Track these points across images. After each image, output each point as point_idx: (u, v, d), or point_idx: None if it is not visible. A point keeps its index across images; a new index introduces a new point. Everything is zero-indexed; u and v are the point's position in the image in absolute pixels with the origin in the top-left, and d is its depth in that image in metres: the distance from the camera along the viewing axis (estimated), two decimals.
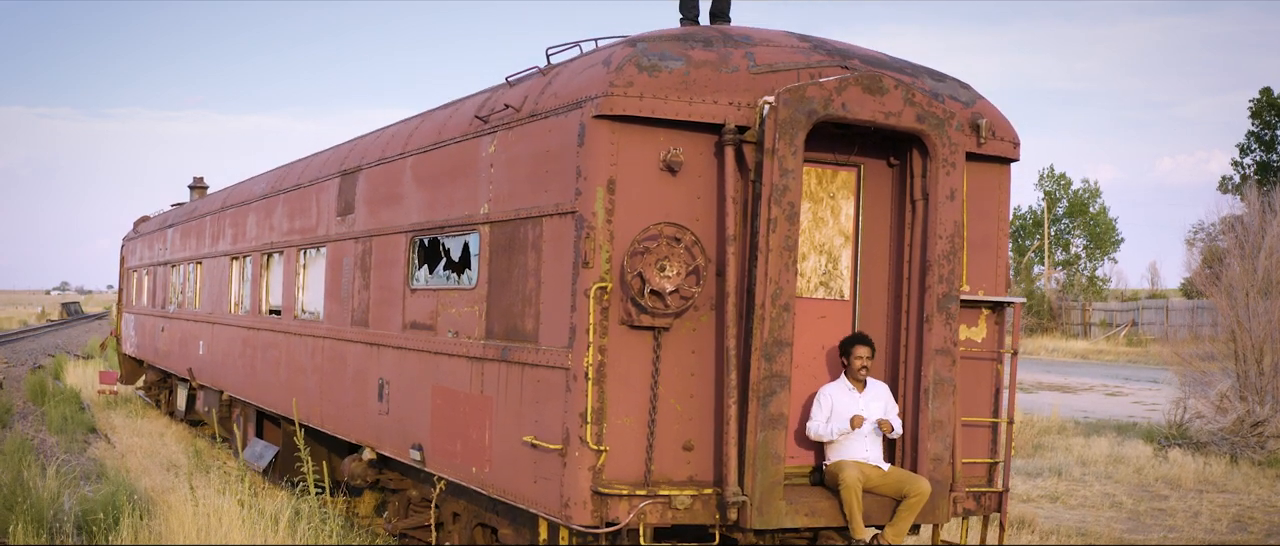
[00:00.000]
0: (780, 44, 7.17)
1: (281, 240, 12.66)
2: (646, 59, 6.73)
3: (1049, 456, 21.21)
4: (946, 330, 7.05)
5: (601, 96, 6.61)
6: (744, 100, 6.79)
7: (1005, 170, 7.77)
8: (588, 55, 7.39)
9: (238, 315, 14.43)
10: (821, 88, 6.71)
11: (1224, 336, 23.71)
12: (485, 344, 7.75)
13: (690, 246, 6.69)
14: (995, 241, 7.71)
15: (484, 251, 7.85)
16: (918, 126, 6.95)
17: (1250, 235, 23.51)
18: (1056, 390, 36.96)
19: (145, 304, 21.64)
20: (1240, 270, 23.28)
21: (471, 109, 8.46)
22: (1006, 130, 7.70)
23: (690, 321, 6.80)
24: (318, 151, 13.45)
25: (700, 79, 6.75)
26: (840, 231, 7.39)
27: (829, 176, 7.33)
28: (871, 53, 7.54)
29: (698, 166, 6.83)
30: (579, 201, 6.71)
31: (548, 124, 7.14)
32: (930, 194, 7.06)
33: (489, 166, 7.84)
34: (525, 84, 7.84)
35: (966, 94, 7.66)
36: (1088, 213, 73.49)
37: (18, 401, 22.98)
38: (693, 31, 7.11)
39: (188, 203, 19.87)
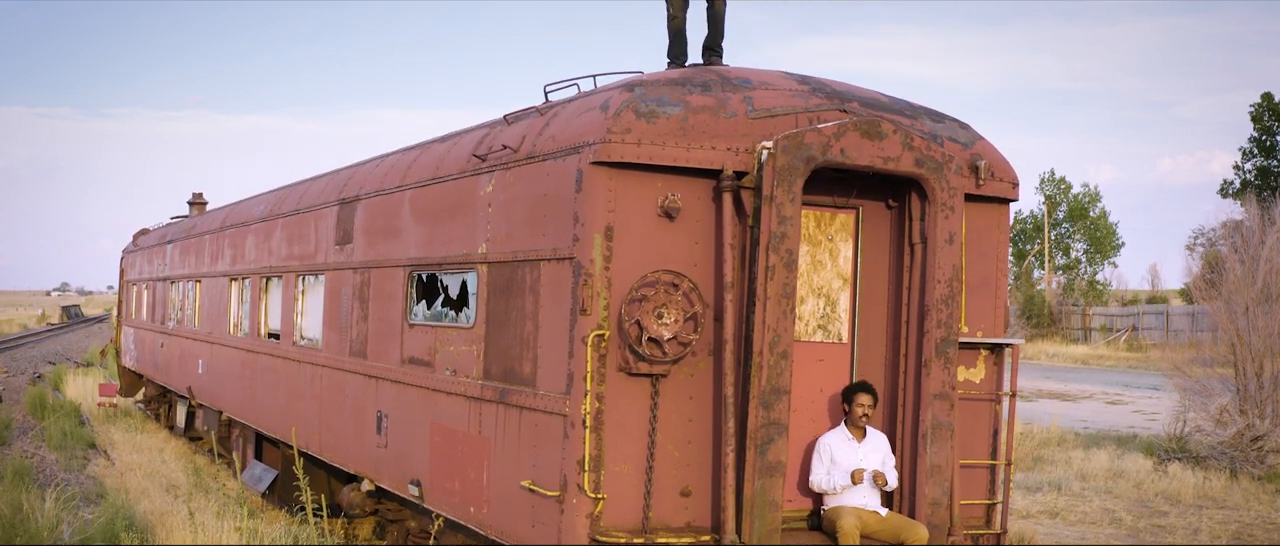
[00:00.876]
0: (778, 87, 7.15)
1: (280, 265, 12.64)
2: (644, 105, 6.72)
3: (1049, 470, 21.20)
4: (945, 374, 7.03)
5: (599, 143, 6.60)
6: (742, 145, 6.77)
7: (1004, 210, 7.75)
8: (585, 97, 7.38)
9: (237, 337, 14.41)
10: (820, 134, 6.70)
11: (1224, 347, 23.70)
12: (483, 384, 7.74)
13: (688, 293, 6.68)
14: (994, 282, 7.69)
15: (482, 291, 7.84)
16: (916, 171, 6.94)
17: (1250, 247, 23.49)
18: (1056, 398, 36.94)
19: (144, 318, 21.63)
20: (1239, 281, 23.28)
21: (469, 146, 8.45)
22: (1005, 170, 7.69)
23: (688, 367, 6.79)
24: (316, 175, 13.44)
25: (698, 124, 6.74)
26: (838, 274, 7.37)
27: (827, 219, 7.32)
28: (870, 94, 7.52)
29: (695, 211, 6.82)
30: (577, 248, 6.70)
31: (545, 167, 7.13)
32: (929, 237, 7.05)
33: (487, 206, 7.83)
34: (523, 124, 7.82)
35: (965, 134, 7.65)
36: (1088, 217, 73.49)
37: (17, 415, 22.96)
38: (690, 75, 7.09)
39: (187, 218, 19.85)
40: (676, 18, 8.40)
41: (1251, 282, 23.65)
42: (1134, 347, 58.36)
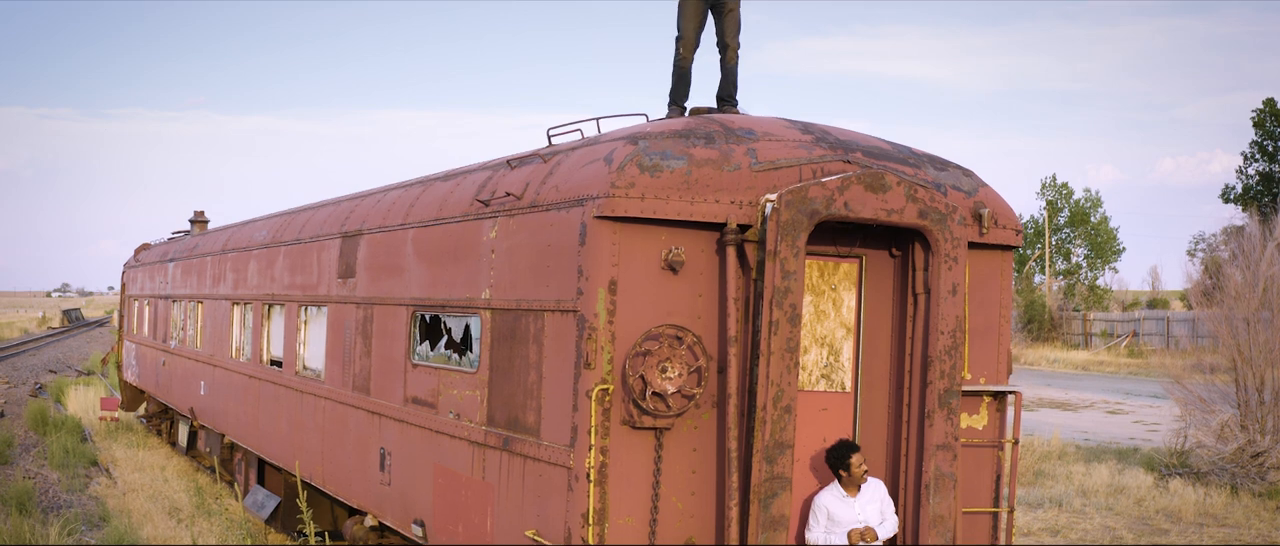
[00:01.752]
0: (782, 138, 7.16)
1: (282, 293, 12.66)
2: (648, 158, 6.73)
3: (1050, 486, 21.22)
4: (948, 425, 7.04)
5: (603, 197, 6.61)
6: (746, 199, 6.79)
7: (1007, 256, 7.76)
8: (589, 146, 7.38)
9: (239, 362, 14.42)
10: (823, 188, 6.71)
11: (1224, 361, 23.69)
12: (487, 430, 7.75)
13: (692, 346, 6.69)
14: (997, 327, 7.70)
15: (485, 337, 7.85)
16: (920, 222, 6.95)
17: (1252, 262, 23.49)
18: (1057, 407, 36.95)
19: (146, 335, 21.64)
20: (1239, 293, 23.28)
21: (472, 189, 8.46)
22: (1009, 217, 7.69)
23: (692, 419, 6.80)
24: (318, 203, 13.45)
25: (702, 178, 6.75)
26: (842, 324, 7.38)
27: (831, 268, 7.33)
28: (873, 143, 7.53)
29: (699, 263, 6.83)
30: (581, 301, 6.71)
31: (549, 217, 7.14)
32: (932, 288, 7.06)
33: (490, 252, 7.84)
34: (526, 169, 7.83)
35: (969, 182, 7.66)
36: (1089, 222, 73.50)
37: (19, 431, 22.97)
38: (694, 126, 7.10)
39: (188, 234, 19.86)
40: (685, 58, 8.41)
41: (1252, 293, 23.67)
42: (1134, 353, 58.36)
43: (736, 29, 8.40)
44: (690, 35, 8.41)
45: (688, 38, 8.41)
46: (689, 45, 8.40)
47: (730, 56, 8.35)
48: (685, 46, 8.39)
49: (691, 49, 8.41)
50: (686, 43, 8.40)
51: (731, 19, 8.37)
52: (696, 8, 8.41)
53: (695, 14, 8.41)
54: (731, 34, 8.37)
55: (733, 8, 8.39)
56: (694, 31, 8.42)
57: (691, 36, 8.41)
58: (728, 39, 8.36)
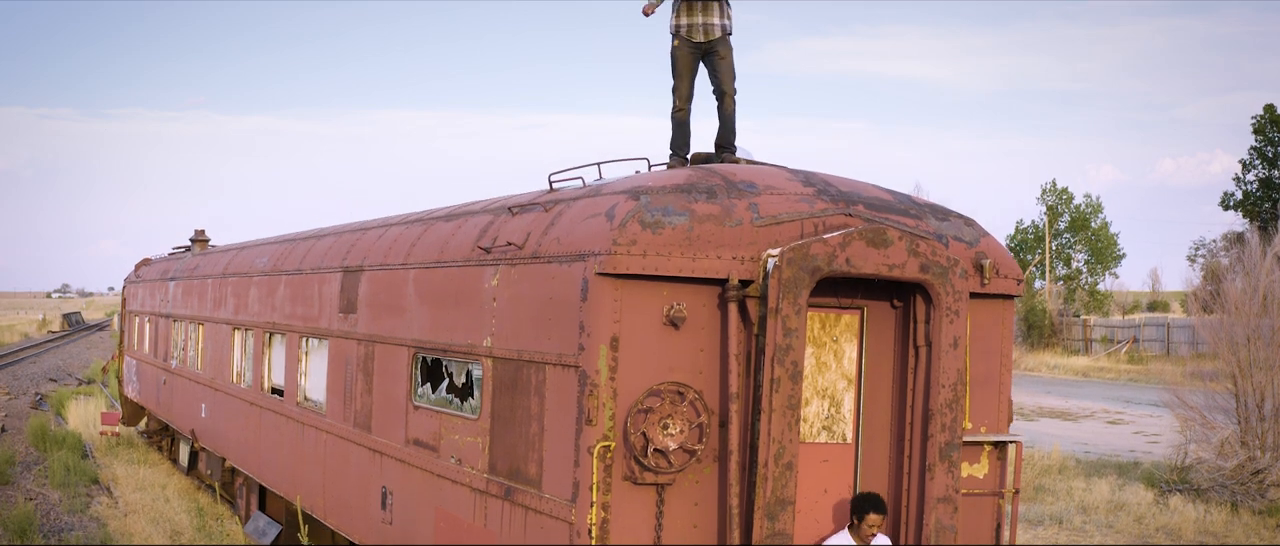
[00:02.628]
0: (784, 190, 7.16)
1: (283, 322, 12.67)
2: (650, 214, 6.73)
3: (1050, 502, 21.25)
4: (949, 478, 7.06)
5: (605, 254, 6.62)
6: (747, 254, 6.79)
7: (1008, 305, 7.77)
8: (591, 197, 7.39)
9: (240, 388, 14.43)
10: (825, 244, 6.72)
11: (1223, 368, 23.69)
12: (489, 478, 7.76)
13: (694, 402, 6.71)
14: (997, 377, 7.71)
15: (487, 384, 7.86)
16: (921, 276, 6.96)
17: (1253, 279, 23.49)
18: (1057, 416, 36.96)
19: (147, 352, 21.65)
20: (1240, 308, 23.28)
21: (474, 232, 8.46)
22: (1010, 267, 7.70)
23: (693, 473, 6.81)
24: (319, 232, 13.46)
25: (704, 234, 6.76)
26: (843, 375, 7.39)
27: (832, 320, 7.34)
28: (875, 194, 7.53)
29: (701, 318, 6.83)
30: (583, 357, 6.72)
31: (551, 269, 7.15)
32: (934, 341, 7.07)
33: (492, 300, 7.85)
34: (528, 217, 7.84)
35: (970, 232, 7.66)
36: (1089, 227, 73.54)
37: (20, 448, 22.99)
38: (696, 181, 7.10)
39: (189, 255, 19.87)
40: (681, 110, 8.42)
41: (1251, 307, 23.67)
42: (1135, 360, 58.39)
43: (731, 75, 8.40)
44: (684, 87, 8.44)
45: (682, 89, 8.43)
46: (684, 96, 8.42)
47: (727, 104, 8.36)
48: (680, 98, 8.41)
49: (687, 100, 8.42)
50: (681, 94, 8.42)
51: (724, 65, 8.38)
52: (688, 58, 8.43)
53: (687, 64, 8.44)
54: (726, 81, 8.38)
55: (725, 54, 8.40)
56: (687, 83, 8.45)
57: (685, 88, 8.44)
58: (723, 86, 8.38)
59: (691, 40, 8.48)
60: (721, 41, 8.45)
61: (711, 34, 8.44)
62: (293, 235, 14.75)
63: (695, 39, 8.47)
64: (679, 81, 8.43)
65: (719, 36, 8.44)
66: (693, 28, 8.49)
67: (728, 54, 8.42)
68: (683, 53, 8.46)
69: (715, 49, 8.41)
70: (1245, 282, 24.09)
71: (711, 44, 8.44)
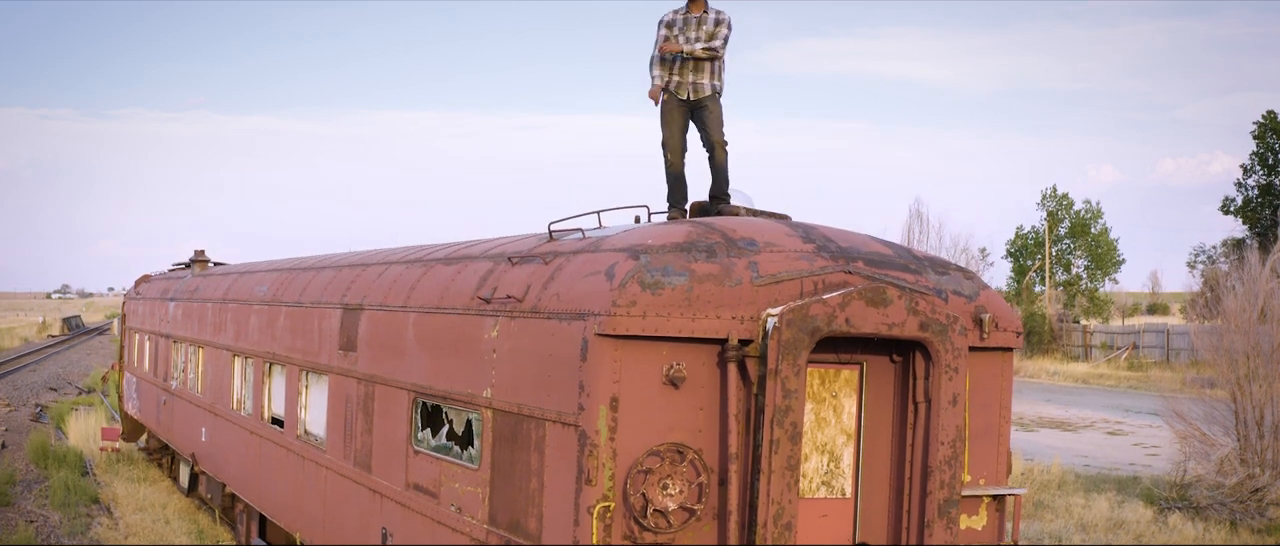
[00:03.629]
0: (784, 248, 7.17)
1: (283, 354, 12.68)
2: (649, 275, 6.75)
3: (1050, 519, 21.27)
4: (948, 534, 7.07)
5: (605, 315, 6.63)
6: (747, 314, 6.80)
7: (1007, 357, 7.78)
8: (590, 250, 7.40)
9: (240, 415, 14.45)
10: (825, 305, 6.73)
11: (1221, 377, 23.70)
12: (489, 529, 7.77)
13: (693, 461, 6.72)
14: (996, 429, 7.72)
15: (487, 435, 7.87)
16: (921, 335, 6.97)
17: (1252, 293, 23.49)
18: (1057, 427, 36.97)
19: (147, 370, 21.66)
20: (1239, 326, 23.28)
21: (474, 280, 8.48)
22: (1009, 320, 7.72)
23: (693, 531, 6.82)
24: (319, 261, 13.47)
25: (703, 294, 6.77)
26: (842, 430, 7.40)
27: (832, 375, 7.35)
28: (875, 249, 7.54)
29: (700, 377, 6.85)
30: (583, 417, 6.73)
31: (550, 326, 7.16)
32: (933, 398, 7.08)
33: (491, 351, 7.86)
34: (527, 269, 7.85)
35: (970, 285, 7.67)
36: (1089, 233, 73.53)
37: (20, 465, 23.01)
38: (695, 239, 7.11)
39: (189, 275, 19.87)
40: (674, 164, 8.48)
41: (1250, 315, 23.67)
42: (1134, 366, 58.39)
43: (719, 127, 8.47)
44: (675, 141, 8.53)
45: (673, 143, 8.52)
46: (675, 150, 8.50)
47: (718, 155, 8.42)
48: (672, 152, 8.49)
49: (679, 154, 8.50)
50: (673, 148, 8.50)
51: (712, 118, 8.45)
52: (677, 111, 8.54)
53: (676, 118, 8.54)
54: (715, 133, 8.44)
55: (712, 108, 8.48)
56: (678, 137, 8.55)
57: (676, 142, 8.53)
58: (712, 138, 8.45)
59: (679, 96, 8.60)
60: (710, 98, 8.55)
61: (700, 92, 8.57)
62: (292, 262, 14.76)
63: (681, 95, 8.60)
64: (669, 136, 8.54)
65: (708, 94, 8.54)
66: (681, 85, 8.63)
67: (716, 108, 8.51)
68: (671, 107, 8.58)
69: (703, 104, 8.51)
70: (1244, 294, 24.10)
71: (700, 100, 8.55)
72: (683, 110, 8.55)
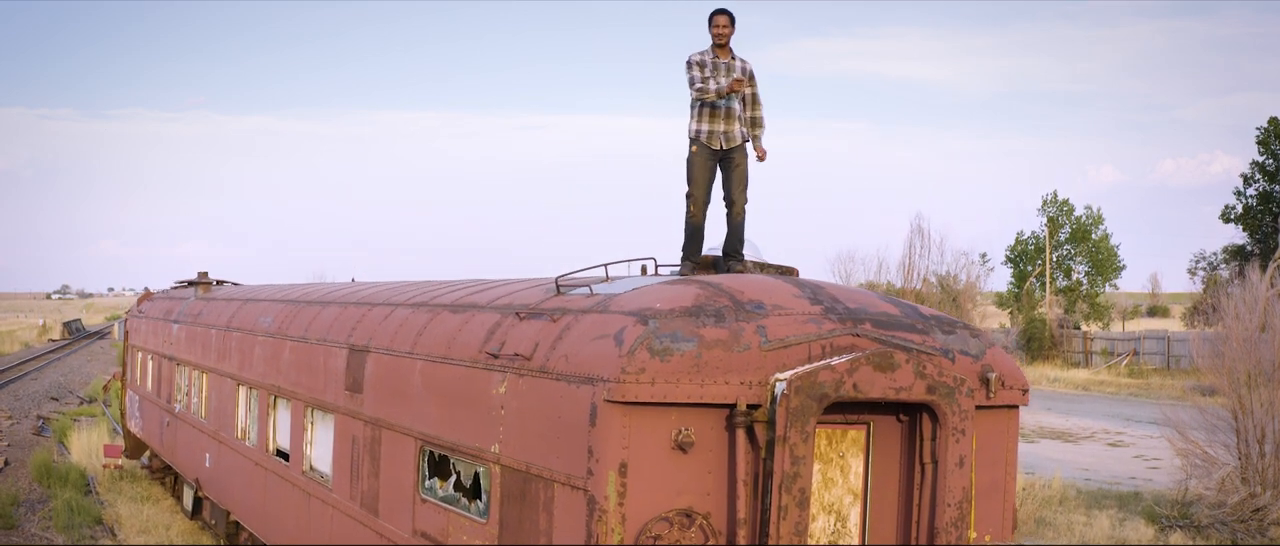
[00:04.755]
0: (792, 311, 7.20)
1: (289, 388, 12.70)
2: (658, 341, 6.78)
3: (1051, 536, 21.32)
4: None
5: (614, 382, 6.66)
6: (755, 378, 6.83)
7: (1013, 415, 7.82)
8: (599, 310, 7.43)
9: (245, 445, 14.48)
10: (833, 371, 6.76)
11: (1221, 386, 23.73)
12: None
13: (702, 526, 6.75)
14: (1002, 485, 7.75)
15: (495, 491, 7.90)
16: (928, 398, 7.01)
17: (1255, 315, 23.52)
18: (1057, 438, 37.02)
19: (150, 390, 21.69)
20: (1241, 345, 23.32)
21: (480, 332, 8.50)
22: (1016, 378, 7.75)
23: None
24: (324, 292, 13.50)
25: (712, 360, 6.80)
26: (849, 490, 7.43)
27: (839, 435, 7.38)
28: (882, 310, 7.57)
29: (708, 440, 6.88)
30: (591, 482, 6.77)
31: (558, 388, 7.19)
32: (940, 460, 7.11)
33: (500, 407, 7.89)
34: (535, 326, 7.88)
35: (976, 344, 7.70)
36: (1090, 239, 73.52)
37: (23, 484, 23.03)
38: (704, 303, 7.14)
39: (192, 296, 19.90)
40: (696, 215, 8.48)
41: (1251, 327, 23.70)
42: (1135, 373, 58.44)
43: (743, 184, 8.46)
44: (700, 192, 8.48)
45: (698, 195, 8.48)
46: (699, 202, 8.47)
47: (736, 213, 8.41)
48: (695, 204, 8.46)
49: (702, 206, 8.48)
50: (697, 200, 8.47)
51: (737, 174, 8.44)
52: (706, 163, 8.48)
53: (705, 169, 8.49)
54: (737, 190, 8.43)
55: (739, 162, 8.46)
56: (704, 188, 8.50)
57: (702, 194, 8.49)
58: (733, 195, 8.43)
59: (710, 146, 8.58)
60: (738, 150, 8.55)
61: (731, 141, 8.55)
62: (298, 293, 14.79)
63: (713, 146, 8.57)
64: (695, 187, 8.52)
65: (738, 144, 8.54)
66: (713, 135, 8.60)
67: (743, 162, 8.50)
68: (700, 159, 8.55)
69: (731, 157, 8.50)
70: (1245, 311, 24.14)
71: (729, 152, 8.53)
72: (712, 162, 8.55)
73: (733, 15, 8.70)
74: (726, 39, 8.72)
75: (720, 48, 8.78)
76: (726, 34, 8.71)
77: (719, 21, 8.69)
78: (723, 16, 8.69)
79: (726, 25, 8.69)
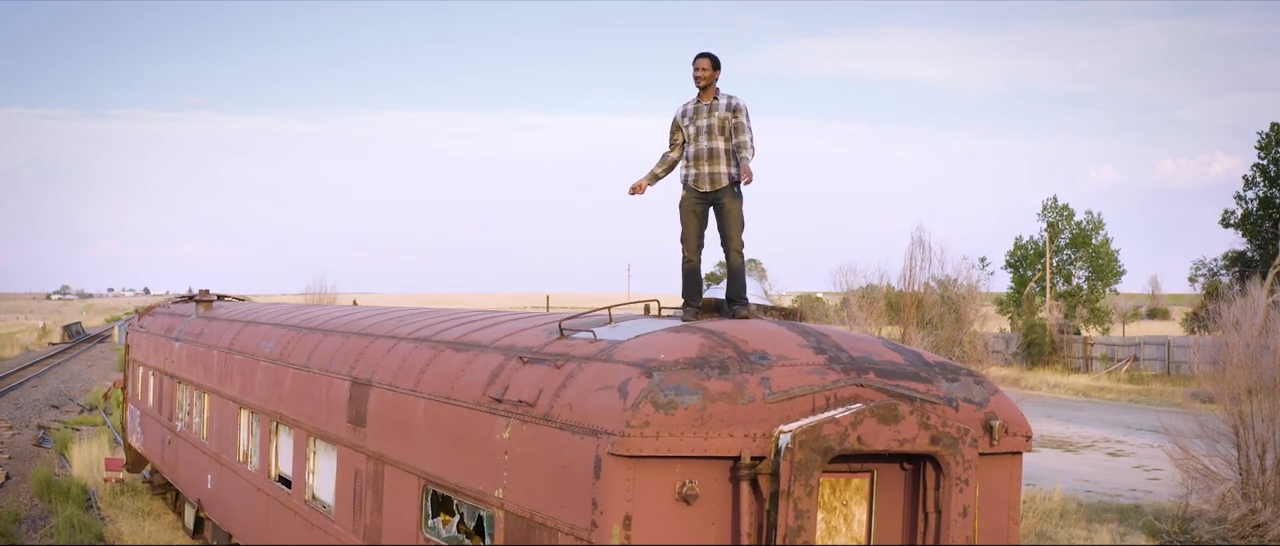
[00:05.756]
0: (796, 361, 7.21)
1: (291, 415, 12.71)
2: (663, 395, 6.78)
3: None
4: None
5: (618, 436, 6.67)
6: (760, 431, 6.84)
7: (1017, 461, 7.82)
8: (603, 359, 7.44)
9: (247, 469, 14.49)
10: (837, 424, 6.77)
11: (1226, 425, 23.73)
12: None
13: None
14: (1005, 530, 7.75)
15: (499, 534, 7.91)
16: (932, 448, 7.01)
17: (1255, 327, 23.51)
18: (1058, 447, 37.03)
19: (151, 405, 21.70)
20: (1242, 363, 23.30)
21: (484, 374, 8.51)
22: (1019, 425, 7.75)
23: None
24: (325, 322, 13.50)
25: (716, 413, 6.80)
26: (852, 538, 7.43)
27: (842, 483, 7.38)
28: (886, 358, 7.57)
29: (712, 492, 6.88)
30: (595, 534, 6.77)
31: (563, 437, 7.20)
32: (943, 509, 7.11)
33: (504, 452, 7.89)
34: (539, 371, 7.89)
35: (980, 392, 7.71)
36: (1090, 244, 73.46)
37: (25, 499, 23.04)
38: (708, 354, 7.15)
39: (194, 316, 19.90)
40: (690, 260, 8.49)
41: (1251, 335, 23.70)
42: (1135, 379, 58.43)
43: (736, 225, 8.44)
44: (690, 235, 8.50)
45: (689, 239, 8.50)
46: (691, 246, 8.48)
47: (733, 257, 8.40)
48: (689, 248, 8.48)
49: (695, 249, 8.49)
50: (688, 244, 8.48)
51: (729, 216, 8.43)
52: (694, 206, 8.50)
53: (692, 213, 8.51)
54: (732, 232, 8.43)
55: (730, 205, 8.45)
56: (694, 232, 8.52)
57: (692, 237, 8.51)
58: (729, 237, 8.43)
59: (697, 189, 8.56)
60: (727, 191, 8.52)
61: (717, 183, 8.52)
62: (300, 318, 14.80)
63: (701, 189, 8.56)
64: (685, 231, 8.51)
65: (725, 186, 8.51)
66: (699, 178, 8.57)
67: (733, 204, 8.47)
68: (688, 203, 8.54)
69: (721, 199, 8.48)
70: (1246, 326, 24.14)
71: (717, 194, 8.52)
72: (701, 205, 8.54)
73: (715, 58, 8.66)
74: (707, 82, 8.70)
75: (703, 91, 8.76)
76: (706, 77, 8.67)
77: (699, 65, 8.68)
78: (704, 60, 8.68)
79: (707, 68, 8.67)
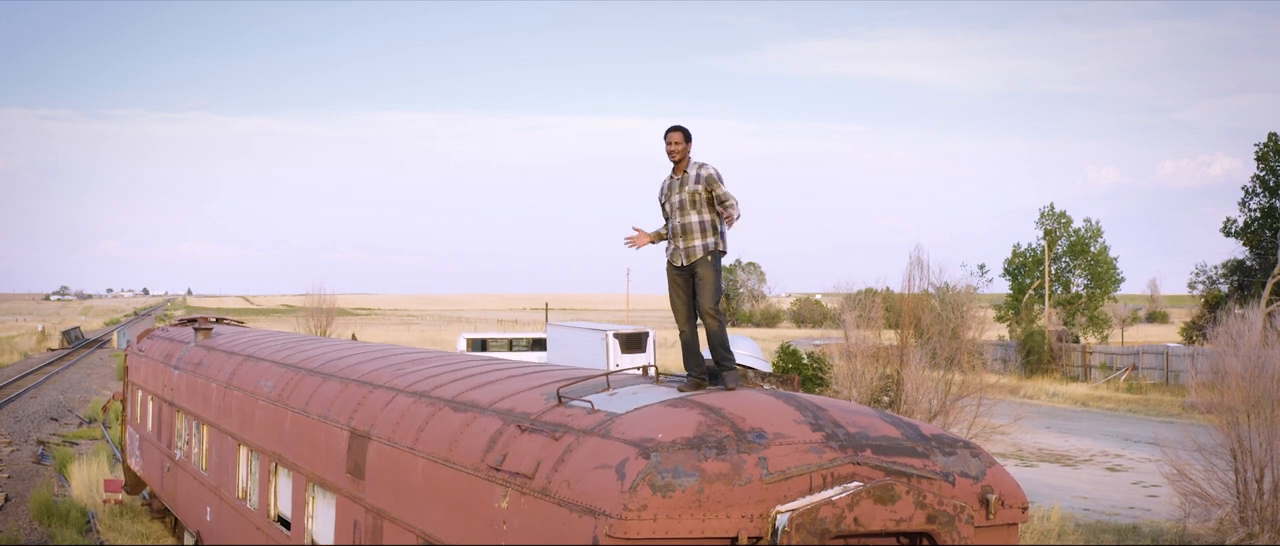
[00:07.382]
0: (793, 439, 7.24)
1: (290, 457, 12.74)
2: (660, 477, 6.81)
3: None
4: None
5: (616, 518, 6.69)
6: (757, 511, 6.87)
7: (1013, 530, 7.85)
8: (601, 435, 7.47)
9: (246, 507, 14.51)
10: (833, 506, 6.80)
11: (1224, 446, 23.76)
12: None
13: None
14: None
15: None
16: (929, 527, 7.05)
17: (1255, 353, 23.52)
18: (1056, 461, 37.04)
19: (150, 431, 21.72)
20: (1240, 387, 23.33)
21: (483, 438, 8.54)
22: (1015, 497, 7.79)
23: None
24: (324, 366, 13.52)
25: (714, 494, 6.83)
26: None
27: None
28: (883, 434, 7.60)
29: None
30: None
31: (561, 514, 7.22)
32: None
33: (502, 522, 7.92)
34: (537, 440, 7.91)
35: (976, 464, 7.74)
36: (1088, 252, 73.51)
37: (24, 523, 23.06)
38: (705, 433, 7.18)
39: (193, 344, 19.92)
40: (684, 332, 8.60)
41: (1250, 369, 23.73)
42: (1134, 388, 58.45)
43: (709, 293, 8.54)
44: (679, 310, 8.70)
45: (678, 312, 8.67)
46: (681, 319, 8.66)
47: (708, 323, 8.52)
48: (679, 320, 8.65)
49: (685, 321, 8.65)
50: (679, 317, 8.65)
51: (703, 284, 8.57)
52: (675, 281, 8.71)
53: (675, 288, 8.71)
54: (705, 300, 8.55)
55: (704, 274, 8.57)
56: (681, 306, 8.70)
57: (681, 311, 8.68)
58: (702, 305, 8.56)
59: (674, 264, 8.70)
60: (701, 262, 8.61)
61: (692, 256, 8.65)
62: (297, 357, 14.82)
63: (677, 263, 8.70)
64: (674, 305, 8.70)
65: (700, 257, 8.61)
66: (676, 253, 8.74)
67: (707, 273, 8.57)
68: (670, 279, 8.72)
69: (696, 271, 8.61)
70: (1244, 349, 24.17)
71: (693, 267, 8.64)
72: (682, 278, 8.68)
73: (686, 131, 8.72)
74: (680, 156, 8.74)
75: (676, 165, 8.82)
76: (678, 151, 8.72)
77: (671, 139, 8.72)
78: (675, 134, 8.71)
79: (679, 141, 8.71)
